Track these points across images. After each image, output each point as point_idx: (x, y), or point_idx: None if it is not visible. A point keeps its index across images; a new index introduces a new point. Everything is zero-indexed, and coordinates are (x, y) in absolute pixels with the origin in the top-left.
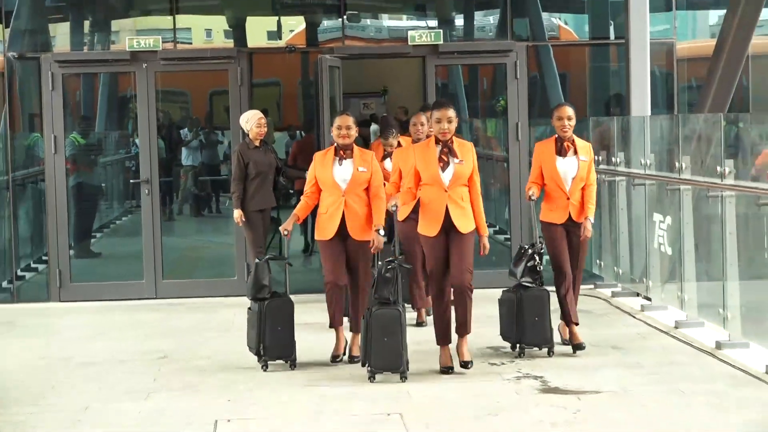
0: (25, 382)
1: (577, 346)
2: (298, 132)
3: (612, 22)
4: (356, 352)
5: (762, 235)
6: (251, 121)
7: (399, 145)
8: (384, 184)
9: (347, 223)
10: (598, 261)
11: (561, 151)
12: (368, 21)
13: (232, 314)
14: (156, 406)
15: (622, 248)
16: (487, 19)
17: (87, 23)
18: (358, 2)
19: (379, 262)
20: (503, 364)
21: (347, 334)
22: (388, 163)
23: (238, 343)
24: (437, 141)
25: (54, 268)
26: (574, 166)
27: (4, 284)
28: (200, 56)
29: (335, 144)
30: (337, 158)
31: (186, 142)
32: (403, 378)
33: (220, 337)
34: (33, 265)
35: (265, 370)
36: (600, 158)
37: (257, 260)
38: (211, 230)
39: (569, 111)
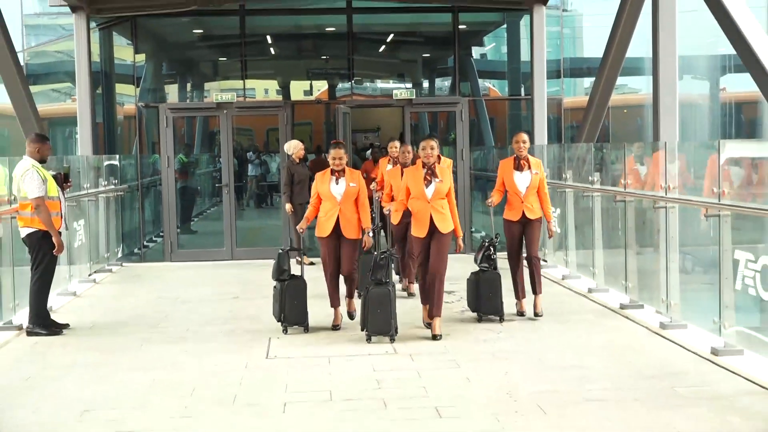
0: (147, 313)
1: (537, 314)
2: (313, 154)
3: (522, 85)
4: (351, 309)
5: (617, 220)
6: (296, 147)
7: (395, 163)
8: (381, 194)
9: (341, 225)
10: None
11: (518, 167)
12: (368, 83)
13: None
14: (232, 327)
15: None
16: (443, 83)
17: (188, 84)
18: (361, 72)
19: (375, 252)
20: (452, 302)
21: (342, 312)
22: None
23: None
24: (423, 165)
25: (167, 240)
26: (528, 178)
27: (135, 250)
28: (261, 106)
29: (331, 167)
30: (334, 177)
31: (251, 160)
32: (392, 340)
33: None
34: (154, 239)
35: (285, 333)
36: None
37: (280, 251)
38: (267, 216)
39: (524, 136)
